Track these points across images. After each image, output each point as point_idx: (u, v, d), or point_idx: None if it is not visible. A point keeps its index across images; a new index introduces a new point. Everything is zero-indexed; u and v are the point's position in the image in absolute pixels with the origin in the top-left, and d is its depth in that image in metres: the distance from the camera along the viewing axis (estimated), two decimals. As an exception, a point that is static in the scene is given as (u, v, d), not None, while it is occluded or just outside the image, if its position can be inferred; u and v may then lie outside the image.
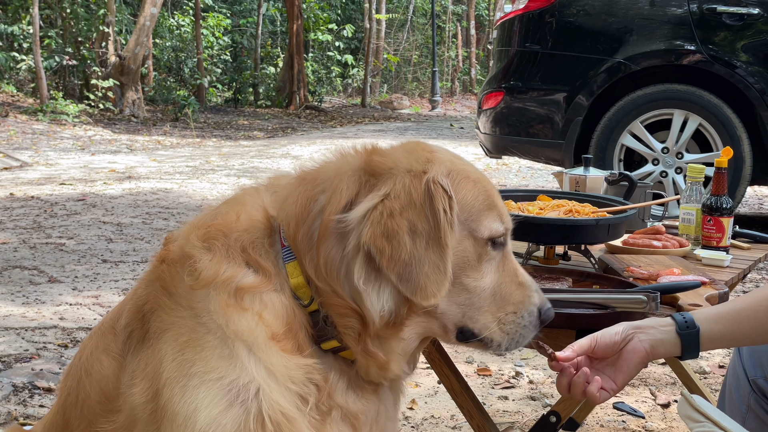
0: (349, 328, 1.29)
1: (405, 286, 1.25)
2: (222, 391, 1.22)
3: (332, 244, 1.27)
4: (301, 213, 1.31)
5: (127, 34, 17.89)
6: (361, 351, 1.30)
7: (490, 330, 1.34)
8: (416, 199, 1.26)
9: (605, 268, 2.13)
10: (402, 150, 1.35)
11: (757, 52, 5.47)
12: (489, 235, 1.33)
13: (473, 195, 1.33)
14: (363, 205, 1.26)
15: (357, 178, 1.30)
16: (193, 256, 1.31)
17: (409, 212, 1.26)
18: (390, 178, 1.29)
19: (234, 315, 1.25)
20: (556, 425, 1.97)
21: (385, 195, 1.26)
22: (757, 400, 1.76)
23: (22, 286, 4.46)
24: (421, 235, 1.25)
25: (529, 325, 1.37)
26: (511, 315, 1.35)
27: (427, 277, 1.25)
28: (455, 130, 16.15)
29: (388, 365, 1.32)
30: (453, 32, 29.39)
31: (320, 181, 1.33)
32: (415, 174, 1.29)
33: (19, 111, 14.66)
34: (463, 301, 1.33)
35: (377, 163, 1.31)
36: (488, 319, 1.34)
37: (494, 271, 1.35)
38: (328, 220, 1.27)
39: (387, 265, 1.24)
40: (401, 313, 1.29)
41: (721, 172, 2.37)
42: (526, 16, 5.93)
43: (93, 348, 1.42)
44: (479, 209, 1.33)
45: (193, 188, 8.07)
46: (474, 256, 1.32)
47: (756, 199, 8.03)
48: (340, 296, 1.28)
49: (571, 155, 5.78)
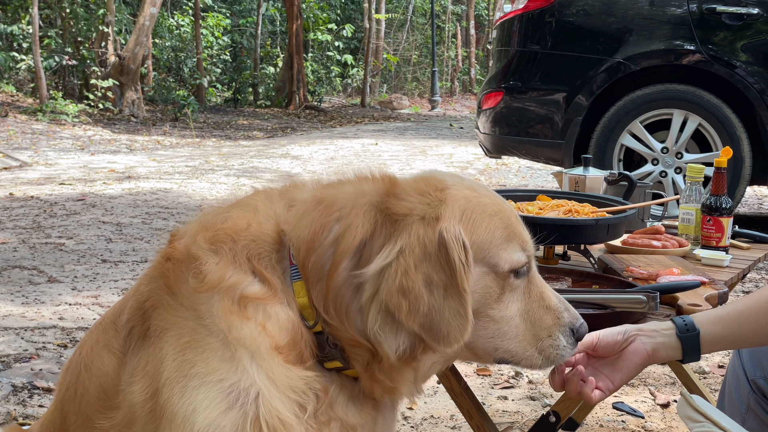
0: (359, 356, 1.30)
1: (428, 335, 1.25)
2: (222, 393, 1.22)
3: (343, 281, 1.27)
4: (314, 240, 1.29)
5: (126, 33, 17.89)
6: (368, 377, 1.31)
7: (527, 355, 1.35)
8: (431, 251, 1.25)
9: (605, 268, 2.13)
10: (415, 191, 1.32)
11: (756, 52, 5.47)
12: (510, 267, 1.32)
13: (490, 231, 1.31)
14: (378, 262, 1.25)
15: (372, 217, 1.29)
16: (199, 258, 1.30)
17: (425, 265, 1.25)
18: (405, 229, 1.27)
19: (237, 322, 1.25)
20: (556, 425, 1.97)
21: (400, 251, 1.25)
22: (756, 400, 1.76)
23: (22, 286, 4.46)
24: (438, 286, 1.25)
25: (567, 346, 1.37)
26: (546, 339, 1.35)
27: (449, 324, 1.24)
28: (455, 130, 16.15)
29: (395, 390, 1.32)
30: (452, 32, 29.40)
31: (336, 208, 1.31)
32: (428, 222, 1.27)
33: (18, 111, 14.66)
34: (492, 333, 1.33)
35: (393, 206, 1.30)
36: (524, 346, 1.35)
37: (519, 299, 1.34)
38: (340, 256, 1.27)
39: (407, 319, 1.24)
40: (417, 350, 1.29)
41: (720, 172, 2.37)
42: (525, 16, 5.93)
43: (93, 343, 1.41)
44: (497, 244, 1.31)
45: (192, 188, 8.07)
46: (496, 289, 1.32)
47: (755, 199, 8.03)
48: (348, 332, 1.28)
49: (570, 155, 5.78)
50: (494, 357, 1.35)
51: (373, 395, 1.34)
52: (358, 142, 13.12)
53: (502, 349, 1.34)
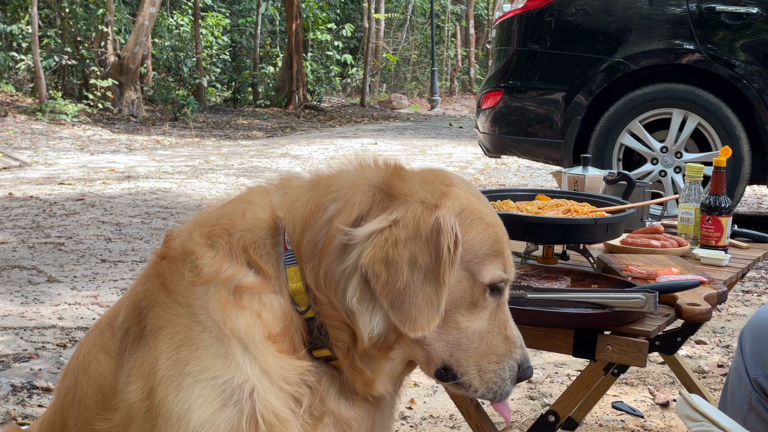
0: (340, 341, 1.30)
1: (395, 315, 1.25)
2: (216, 390, 1.22)
3: (335, 256, 1.27)
4: (309, 219, 1.30)
5: (126, 33, 17.87)
6: (348, 365, 1.31)
7: (470, 375, 1.33)
8: (423, 232, 1.26)
9: (604, 268, 2.13)
10: (421, 178, 1.34)
11: (756, 51, 5.47)
12: (490, 280, 1.32)
13: (482, 238, 1.31)
14: (371, 225, 1.26)
15: (371, 195, 1.29)
16: (195, 253, 1.31)
17: (413, 243, 1.25)
18: (403, 204, 1.28)
19: (232, 312, 1.25)
20: (555, 425, 1.97)
21: (395, 221, 1.26)
22: (758, 399, 1.76)
23: (21, 285, 4.46)
24: (420, 268, 1.25)
25: (507, 379, 1.35)
26: (493, 365, 1.34)
27: (419, 310, 1.25)
28: (454, 130, 16.15)
29: (373, 383, 1.32)
30: (452, 32, 29.38)
31: (334, 189, 1.32)
32: (427, 206, 1.28)
33: (18, 111, 14.65)
34: (453, 340, 1.32)
35: (395, 185, 1.30)
36: (471, 364, 1.33)
37: (487, 318, 1.34)
38: (335, 230, 1.27)
39: (381, 290, 1.24)
40: (390, 339, 1.29)
41: (719, 171, 2.36)
42: (525, 15, 5.93)
43: (90, 346, 1.42)
44: (485, 253, 1.32)
45: (192, 188, 8.07)
46: (470, 297, 1.32)
47: (755, 198, 8.03)
48: (335, 309, 1.28)
49: (570, 155, 5.78)
50: (444, 362, 1.33)
51: (355, 390, 1.33)
52: (357, 142, 13.12)
53: (455, 358, 1.33)
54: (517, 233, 1.50)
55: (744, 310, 4.34)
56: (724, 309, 4.31)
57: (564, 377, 3.35)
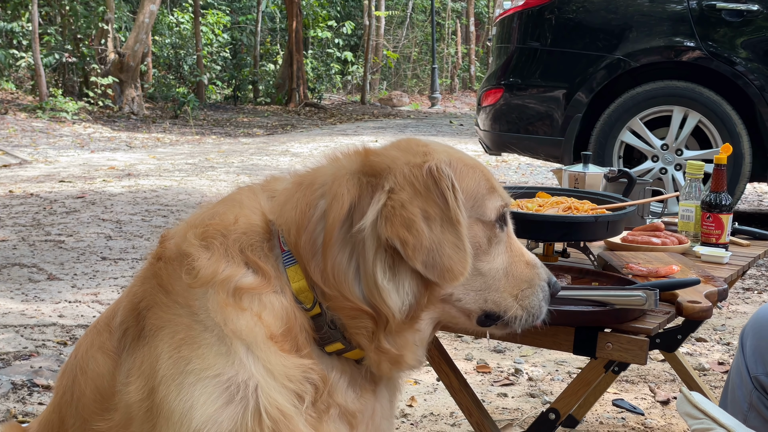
0: (362, 328, 1.30)
1: (431, 272, 1.27)
2: (219, 388, 1.22)
3: (338, 249, 1.28)
4: (302, 219, 1.30)
5: (126, 31, 17.86)
6: (374, 349, 1.31)
7: (512, 308, 1.38)
8: (421, 187, 1.28)
9: (604, 265, 2.13)
10: (396, 148, 1.36)
11: (756, 48, 5.46)
12: (496, 215, 1.37)
13: (476, 181, 1.36)
14: (372, 209, 1.26)
15: (356, 181, 1.30)
16: (191, 254, 1.30)
17: (418, 200, 1.27)
18: (390, 174, 1.29)
19: (232, 314, 1.25)
20: (556, 422, 1.97)
21: (390, 190, 1.27)
22: (759, 398, 1.76)
23: (21, 283, 4.46)
24: (434, 220, 1.27)
25: (543, 300, 1.41)
26: (527, 291, 1.40)
27: (450, 258, 1.27)
28: (455, 127, 16.14)
29: (402, 358, 1.33)
30: (452, 29, 29.36)
31: (318, 185, 1.33)
32: (414, 164, 1.30)
33: (18, 108, 14.64)
34: (480, 286, 1.36)
35: (374, 163, 1.32)
36: (508, 299, 1.38)
37: (503, 252, 1.39)
38: (332, 226, 1.27)
39: (412, 255, 1.25)
40: (421, 304, 1.31)
41: (720, 168, 2.36)
42: (525, 12, 5.92)
43: (88, 346, 1.41)
44: (483, 194, 1.36)
45: (192, 185, 8.07)
46: (485, 240, 1.35)
47: (755, 195, 8.02)
48: (349, 300, 1.28)
49: (570, 152, 5.78)
50: (484, 309, 1.37)
51: (380, 371, 1.34)
52: (358, 140, 13.11)
53: (491, 300, 1.37)
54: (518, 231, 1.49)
55: (744, 307, 4.34)
56: (725, 306, 4.31)
57: (564, 375, 3.35)
